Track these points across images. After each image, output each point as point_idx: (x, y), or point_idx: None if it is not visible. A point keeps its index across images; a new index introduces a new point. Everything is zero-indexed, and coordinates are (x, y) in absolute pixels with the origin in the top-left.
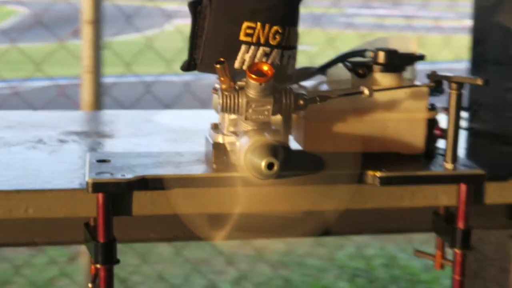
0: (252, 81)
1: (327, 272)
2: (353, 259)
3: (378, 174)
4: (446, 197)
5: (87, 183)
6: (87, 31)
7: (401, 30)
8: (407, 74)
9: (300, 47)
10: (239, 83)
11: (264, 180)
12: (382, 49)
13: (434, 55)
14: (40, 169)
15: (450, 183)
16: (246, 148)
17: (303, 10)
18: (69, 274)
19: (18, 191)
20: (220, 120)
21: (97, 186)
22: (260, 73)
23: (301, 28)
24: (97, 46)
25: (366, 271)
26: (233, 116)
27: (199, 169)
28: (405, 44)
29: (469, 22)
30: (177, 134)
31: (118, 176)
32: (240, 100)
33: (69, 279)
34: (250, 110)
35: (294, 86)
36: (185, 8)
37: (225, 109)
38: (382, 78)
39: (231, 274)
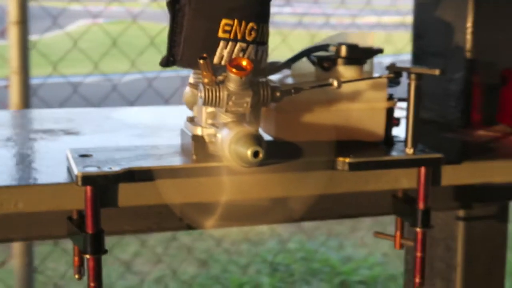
0: (232, 75)
1: (249, 267)
2: (275, 254)
3: (348, 160)
4: (407, 180)
5: (76, 176)
6: (13, 32)
7: (320, 28)
8: (366, 66)
9: None
10: (219, 77)
11: (247, 168)
12: (344, 44)
13: None
14: (20, 166)
15: (412, 167)
16: (230, 139)
17: None
18: (1, 279)
19: (7, 187)
20: (196, 113)
21: (86, 179)
22: (239, 68)
23: None
24: (24, 47)
25: (286, 265)
26: (210, 109)
27: (180, 160)
28: (363, 39)
29: (385, 19)
30: (140, 129)
31: (105, 169)
32: (221, 93)
33: (1, 283)
34: (230, 103)
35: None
36: (110, 9)
37: (207, 102)
38: (345, 71)
39: (154, 273)
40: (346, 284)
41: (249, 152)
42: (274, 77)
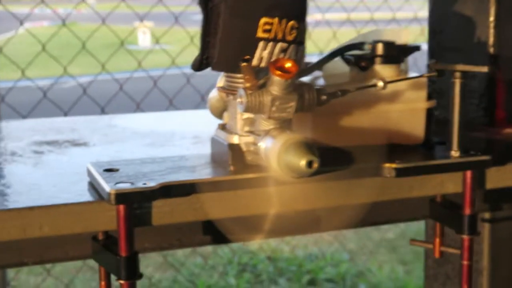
0: (276, 78)
1: (215, 269)
2: (239, 255)
3: (394, 166)
4: (453, 184)
5: (108, 194)
6: None
7: (340, 25)
8: (402, 65)
9: (164, 46)
10: (260, 81)
11: (297, 178)
12: (380, 41)
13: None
14: (38, 183)
15: (458, 171)
16: (278, 148)
17: (161, 9)
18: None
19: (31, 208)
20: (228, 120)
21: (120, 197)
22: (283, 70)
23: (159, 28)
24: None
25: (252, 265)
26: (246, 115)
27: (218, 172)
28: (397, 36)
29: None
30: (150, 138)
31: (140, 185)
32: (264, 99)
33: None
34: (274, 108)
35: None
36: (37, 11)
37: (249, 108)
38: (383, 70)
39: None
40: (314, 282)
41: (302, 162)
42: (304, 79)
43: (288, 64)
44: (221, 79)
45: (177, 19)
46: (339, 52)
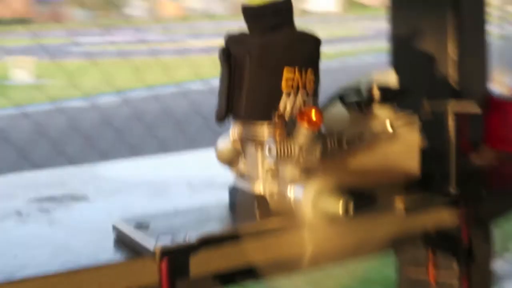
0: (304, 129)
1: None
2: None
3: (403, 202)
4: (450, 217)
5: (152, 250)
6: None
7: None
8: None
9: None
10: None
11: (331, 223)
12: (377, 85)
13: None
14: (67, 244)
15: (456, 206)
16: (311, 195)
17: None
18: None
19: (75, 272)
20: (248, 169)
21: (165, 253)
22: (309, 120)
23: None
24: None
25: None
26: (268, 163)
27: (248, 221)
28: (386, 77)
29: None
30: (147, 187)
31: (180, 240)
32: (292, 148)
33: None
34: (301, 157)
35: None
36: None
37: (279, 156)
38: (380, 111)
39: None
40: None
41: (339, 207)
42: None
43: (314, 115)
44: (233, 129)
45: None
46: (337, 97)
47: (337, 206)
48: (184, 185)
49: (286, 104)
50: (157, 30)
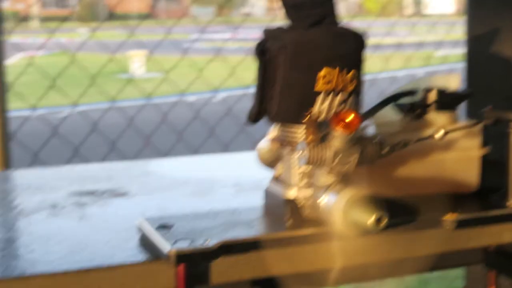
0: (339, 132)
1: None
2: None
3: (454, 217)
4: (510, 234)
5: (168, 254)
6: None
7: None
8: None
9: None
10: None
11: (362, 235)
12: (433, 89)
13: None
14: (88, 240)
15: None
16: (344, 204)
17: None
18: None
19: (88, 270)
20: (284, 172)
21: (181, 257)
22: (345, 123)
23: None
24: (1, 87)
25: None
26: (303, 168)
27: (274, 228)
28: (448, 82)
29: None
30: (192, 186)
31: (199, 243)
32: (326, 152)
33: None
34: (335, 162)
35: None
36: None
37: (311, 162)
38: (437, 118)
39: None
40: None
41: (371, 220)
42: None
43: (350, 117)
44: (274, 129)
45: (180, 48)
46: (391, 99)
47: (369, 219)
48: (231, 186)
49: (322, 106)
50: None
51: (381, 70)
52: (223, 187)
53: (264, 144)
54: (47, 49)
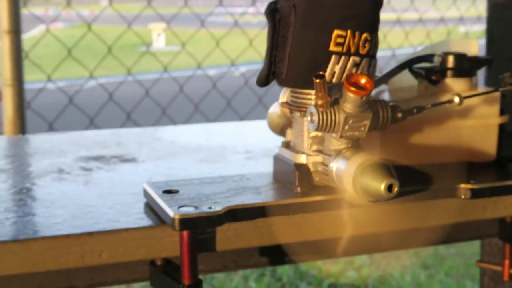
0: (351, 95)
1: (235, 274)
2: None
3: (470, 186)
4: None
5: (173, 219)
6: (6, 42)
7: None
8: (474, 78)
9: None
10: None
11: (374, 202)
12: (451, 53)
13: None
14: (93, 205)
15: None
16: (354, 170)
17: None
18: None
19: (90, 234)
20: (292, 138)
21: (185, 223)
22: (358, 86)
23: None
24: (18, 57)
25: (272, 270)
26: (313, 134)
27: (285, 195)
28: (467, 47)
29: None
30: (202, 153)
31: (205, 209)
32: (337, 117)
33: None
34: (347, 127)
35: None
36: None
37: (321, 127)
38: (454, 84)
39: None
40: (335, 287)
41: (382, 186)
42: None
43: (363, 80)
44: (284, 93)
45: (200, 21)
46: (407, 64)
47: (380, 185)
48: (242, 153)
49: (334, 69)
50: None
51: (401, 46)
52: (234, 153)
53: (275, 108)
54: (69, 22)
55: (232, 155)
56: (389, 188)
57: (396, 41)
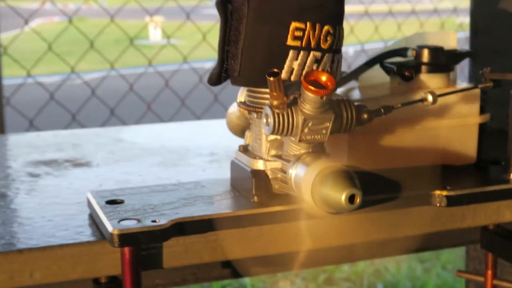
0: (310, 95)
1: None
2: None
3: (446, 193)
4: (510, 212)
5: (111, 235)
6: None
7: None
8: (451, 74)
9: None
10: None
11: (334, 214)
12: (426, 47)
13: None
14: (30, 217)
15: None
16: (312, 179)
17: (171, 4)
18: None
19: (20, 251)
20: (251, 141)
21: (126, 238)
22: (318, 84)
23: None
24: None
25: None
26: (272, 137)
27: (239, 205)
28: (444, 40)
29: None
30: (161, 155)
31: (148, 222)
32: (295, 119)
33: None
34: (306, 130)
35: None
36: (48, 7)
37: (277, 130)
38: (429, 80)
39: None
40: (331, 281)
41: (343, 197)
42: (338, 91)
43: (323, 78)
44: (242, 92)
45: (188, 14)
46: (378, 59)
47: (340, 196)
48: (205, 155)
49: (292, 65)
50: None
51: (393, 38)
52: (196, 156)
53: (234, 108)
54: (65, 15)
55: (194, 158)
56: (351, 199)
57: (388, 33)
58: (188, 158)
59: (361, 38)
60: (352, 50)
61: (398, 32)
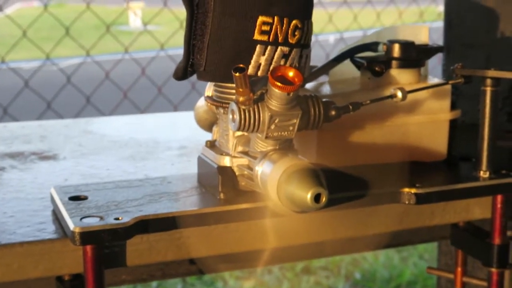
0: (276, 91)
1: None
2: None
3: (414, 191)
4: (479, 209)
5: (72, 233)
6: None
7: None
8: (422, 69)
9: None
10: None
11: (300, 213)
12: (397, 41)
13: None
14: None
15: (488, 195)
16: (278, 176)
17: None
18: None
19: None
20: (218, 137)
21: (87, 236)
22: (285, 80)
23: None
24: None
25: None
26: (239, 133)
27: (205, 202)
28: (416, 34)
29: None
30: (130, 148)
31: (111, 220)
32: (261, 115)
33: None
34: (273, 126)
35: None
36: None
37: (242, 126)
38: (400, 75)
39: None
40: (308, 270)
41: (308, 196)
42: (307, 86)
43: (291, 73)
44: (209, 87)
45: (166, 0)
46: (348, 54)
47: (306, 195)
48: (175, 149)
49: (258, 60)
50: None
51: (372, 27)
52: (166, 149)
53: (202, 102)
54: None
55: (163, 151)
56: (316, 198)
57: (367, 22)
58: (158, 151)
59: (340, 26)
60: (333, 38)
61: (377, 21)
